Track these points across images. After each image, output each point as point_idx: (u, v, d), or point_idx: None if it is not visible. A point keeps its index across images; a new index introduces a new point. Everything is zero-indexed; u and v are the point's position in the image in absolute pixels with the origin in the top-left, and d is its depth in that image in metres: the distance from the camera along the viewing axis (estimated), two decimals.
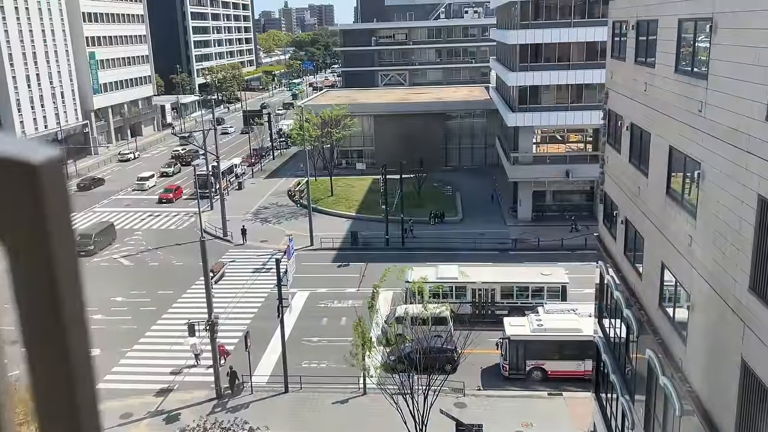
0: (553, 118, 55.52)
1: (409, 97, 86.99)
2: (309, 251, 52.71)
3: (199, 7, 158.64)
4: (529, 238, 52.95)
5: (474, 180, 72.70)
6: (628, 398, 20.30)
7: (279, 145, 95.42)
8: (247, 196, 70.86)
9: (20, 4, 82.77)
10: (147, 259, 53.18)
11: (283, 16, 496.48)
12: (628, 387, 20.52)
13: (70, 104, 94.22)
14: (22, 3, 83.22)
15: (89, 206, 69.36)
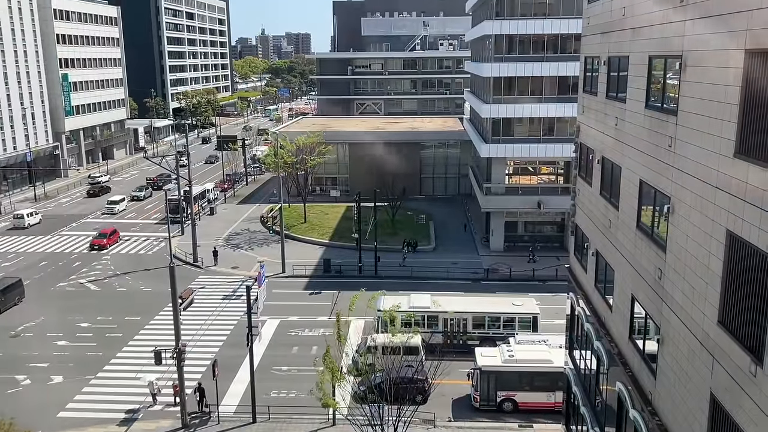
0: (526, 149, 56.28)
1: (385, 126, 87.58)
2: (281, 278, 52.20)
3: (176, 32, 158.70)
4: (501, 268, 53.19)
5: (447, 209, 73.09)
6: (598, 431, 20.25)
7: (253, 170, 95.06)
8: (219, 222, 70.17)
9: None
10: (115, 284, 52.11)
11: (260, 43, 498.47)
12: (598, 419, 20.49)
13: (41, 126, 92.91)
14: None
15: (57, 229, 67.99)
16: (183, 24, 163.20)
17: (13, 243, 63.26)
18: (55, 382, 36.27)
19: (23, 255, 59.41)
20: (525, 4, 54.83)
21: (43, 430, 29.80)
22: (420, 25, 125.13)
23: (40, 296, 49.20)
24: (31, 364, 38.07)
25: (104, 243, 60.59)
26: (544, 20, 54.06)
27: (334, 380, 26.99)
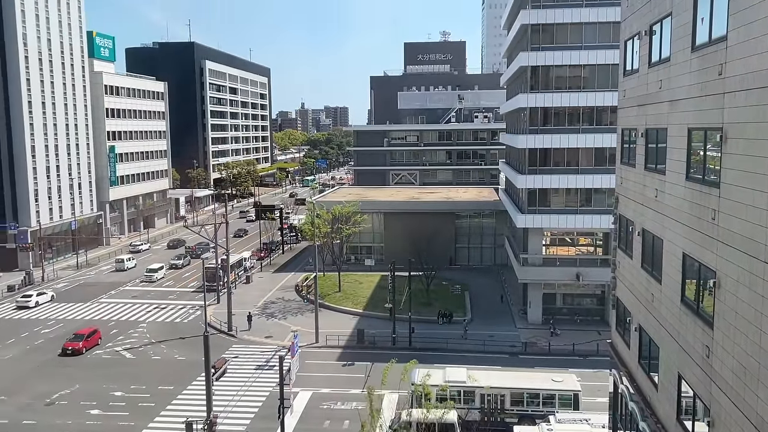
0: (563, 220, 55.75)
1: (420, 196, 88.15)
2: (314, 348, 51.67)
3: (219, 106, 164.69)
4: (539, 342, 51.80)
5: (483, 280, 72.22)
6: None
7: (289, 239, 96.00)
8: (254, 290, 70.45)
9: (47, 98, 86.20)
10: (150, 352, 52.21)
11: (300, 116, 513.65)
12: None
13: (87, 195, 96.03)
14: (50, 97, 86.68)
15: (97, 296, 69.06)
16: (226, 98, 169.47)
17: (56, 309, 64.31)
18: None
19: (63, 322, 60.23)
20: (559, 78, 55.53)
21: None
22: (455, 98, 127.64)
23: (77, 363, 49.47)
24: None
25: (79, 347, 51.18)
26: (579, 93, 54.56)
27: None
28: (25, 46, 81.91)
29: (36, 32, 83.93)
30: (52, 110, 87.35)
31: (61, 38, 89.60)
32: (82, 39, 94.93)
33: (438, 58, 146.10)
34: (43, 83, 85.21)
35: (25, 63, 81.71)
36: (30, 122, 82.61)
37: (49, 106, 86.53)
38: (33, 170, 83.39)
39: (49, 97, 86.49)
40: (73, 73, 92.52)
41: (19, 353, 51.84)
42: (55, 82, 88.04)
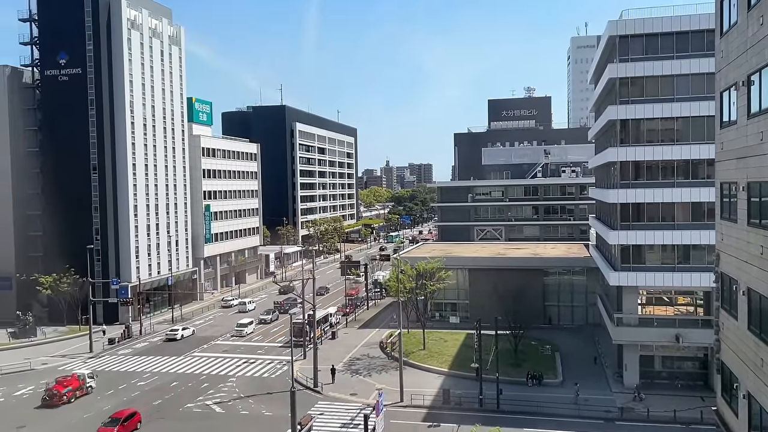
0: (659, 278, 53.17)
1: (506, 252, 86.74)
2: (398, 407, 50.86)
3: (308, 166, 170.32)
4: (637, 407, 48.85)
5: (574, 340, 69.46)
6: None
7: (373, 295, 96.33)
8: (339, 346, 70.69)
9: (150, 160, 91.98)
10: (239, 407, 53.00)
11: (384, 174, 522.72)
12: None
13: (183, 252, 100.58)
14: (152, 159, 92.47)
15: (188, 351, 71.30)
16: (315, 158, 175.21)
17: (149, 363, 66.83)
18: None
19: (158, 375, 62.38)
20: (651, 131, 53.99)
21: None
22: (541, 153, 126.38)
23: (171, 415, 50.84)
24: None
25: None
26: (672, 146, 52.75)
27: None
28: (132, 112, 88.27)
29: (141, 99, 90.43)
30: (154, 172, 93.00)
31: (164, 104, 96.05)
32: (182, 105, 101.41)
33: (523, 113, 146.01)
34: (146, 147, 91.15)
35: (131, 128, 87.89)
36: (134, 183, 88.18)
37: (151, 168, 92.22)
38: (135, 228, 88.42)
39: (151, 159, 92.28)
40: (174, 137, 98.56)
41: (117, 404, 53.84)
42: (158, 145, 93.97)
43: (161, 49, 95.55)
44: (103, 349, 72.78)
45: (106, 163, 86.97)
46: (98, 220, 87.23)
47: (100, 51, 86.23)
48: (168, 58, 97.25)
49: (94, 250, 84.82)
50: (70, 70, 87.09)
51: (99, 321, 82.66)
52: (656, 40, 53.50)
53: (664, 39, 53.28)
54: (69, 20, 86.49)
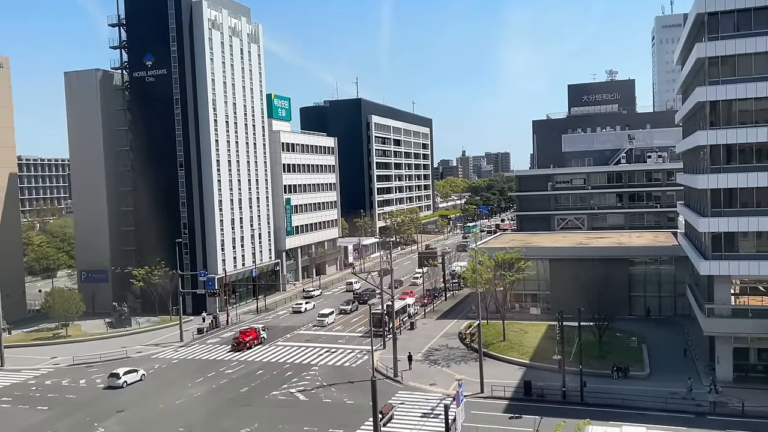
0: (754, 267, 50.36)
1: (588, 242, 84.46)
2: (478, 398, 50.64)
3: (384, 158, 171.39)
4: (731, 402, 46.63)
5: (662, 331, 66.96)
6: None
7: (451, 286, 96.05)
8: (418, 336, 70.98)
9: (233, 156, 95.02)
10: (321, 395, 54.25)
11: (461, 164, 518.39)
12: None
13: (266, 245, 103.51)
14: (234, 155, 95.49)
15: (274, 340, 73.44)
16: (391, 150, 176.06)
17: (237, 352, 69.27)
18: None
19: (244, 363, 64.65)
20: (744, 112, 51.06)
21: None
22: (624, 138, 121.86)
23: (257, 403, 52.66)
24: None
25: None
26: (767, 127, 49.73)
27: None
28: (215, 110, 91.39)
29: (223, 97, 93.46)
30: (237, 167, 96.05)
31: (245, 101, 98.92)
32: (262, 101, 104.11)
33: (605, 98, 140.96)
34: (229, 143, 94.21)
35: (214, 126, 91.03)
36: (218, 179, 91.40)
37: (234, 163, 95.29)
38: (220, 222, 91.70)
39: (234, 155, 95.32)
40: (255, 133, 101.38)
41: (206, 391, 56.28)
42: (239, 141, 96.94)
43: (240, 47, 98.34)
44: (192, 339, 76.06)
45: (192, 160, 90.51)
46: (186, 215, 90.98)
47: (183, 51, 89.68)
48: (247, 56, 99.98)
49: (182, 244, 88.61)
50: (156, 71, 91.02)
51: (188, 312, 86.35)
52: (749, 15, 50.44)
53: (757, 14, 50.18)
54: (154, 23, 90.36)
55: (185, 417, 49.81)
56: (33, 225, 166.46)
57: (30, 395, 57.12)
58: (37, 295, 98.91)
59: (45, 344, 76.32)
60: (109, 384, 57.78)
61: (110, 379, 58.00)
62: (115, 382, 57.52)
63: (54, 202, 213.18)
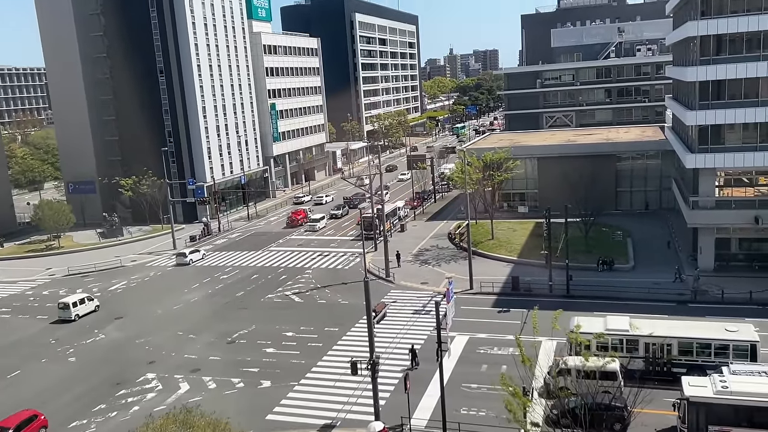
0: (739, 159, 50.85)
1: (576, 139, 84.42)
2: (468, 295, 52.24)
3: (369, 59, 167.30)
4: (711, 290, 48.39)
5: (647, 225, 68.32)
6: None
7: (441, 188, 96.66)
8: (409, 238, 72.18)
9: (213, 60, 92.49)
10: (316, 296, 55.73)
11: (448, 63, 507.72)
12: None
13: (253, 152, 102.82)
14: (215, 59, 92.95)
15: (267, 245, 74.49)
16: (376, 50, 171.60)
17: (230, 258, 70.42)
18: (264, 386, 39.48)
19: (238, 268, 65.87)
20: (735, 1, 49.81)
21: (254, 430, 32.46)
22: (614, 32, 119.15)
23: (253, 306, 54.11)
24: (244, 368, 41.87)
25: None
26: (759, 16, 48.66)
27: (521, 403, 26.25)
28: (192, 11, 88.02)
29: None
30: (218, 72, 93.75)
31: (222, 2, 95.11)
32: (241, 1, 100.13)
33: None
34: (209, 47, 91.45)
35: (192, 29, 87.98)
36: (200, 84, 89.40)
37: (215, 68, 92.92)
38: (205, 130, 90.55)
39: (215, 59, 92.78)
40: (235, 36, 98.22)
41: (202, 296, 57.65)
42: (219, 44, 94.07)
43: None
44: (185, 246, 76.99)
45: (172, 66, 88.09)
46: (169, 122, 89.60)
47: None
48: None
49: (168, 152, 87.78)
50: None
51: (179, 220, 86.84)
52: None
53: None
54: None
55: (183, 321, 51.27)
56: (14, 137, 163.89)
57: (29, 305, 58.35)
58: (25, 208, 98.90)
59: (38, 256, 77.14)
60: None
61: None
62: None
63: (34, 113, 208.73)
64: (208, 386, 39.82)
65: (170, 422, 21.12)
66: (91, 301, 54.89)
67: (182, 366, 42.87)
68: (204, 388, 39.62)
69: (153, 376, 41.57)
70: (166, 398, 38.34)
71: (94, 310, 54.56)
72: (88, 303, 54.38)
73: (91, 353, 46.53)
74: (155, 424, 21.24)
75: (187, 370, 42.14)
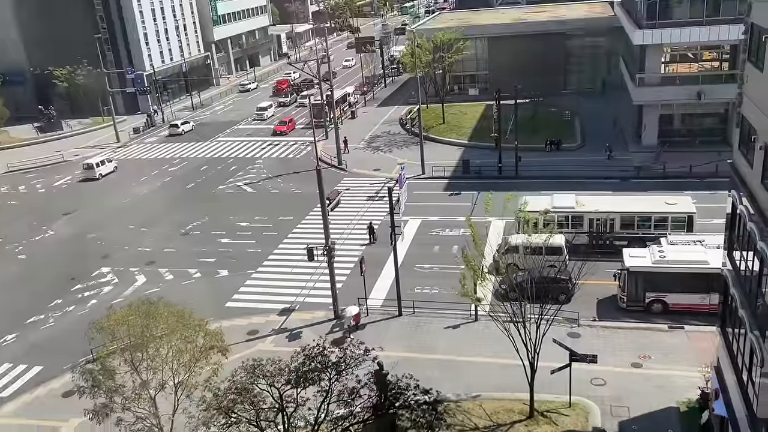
0: (686, 34, 51.00)
1: (526, 17, 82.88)
2: (420, 180, 52.83)
3: None
4: (654, 166, 50.09)
5: (595, 104, 69.09)
6: (757, 334, 19.14)
7: (391, 72, 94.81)
8: (360, 124, 71.56)
9: None
10: (268, 186, 55.51)
11: None
12: (758, 323, 19.32)
13: (192, 37, 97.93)
14: None
15: (213, 136, 72.84)
16: None
17: (177, 150, 68.82)
18: (222, 275, 40.05)
19: (187, 160, 64.64)
20: None
21: (215, 318, 33.22)
22: None
23: (205, 197, 53.68)
24: (201, 259, 42.19)
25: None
26: None
27: (475, 278, 27.41)
28: None
29: None
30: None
31: None
32: None
33: None
34: None
35: None
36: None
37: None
38: (140, 14, 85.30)
39: None
40: None
41: (152, 189, 56.77)
42: None
43: None
44: (129, 139, 74.62)
45: None
46: (101, 7, 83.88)
47: None
48: None
49: (102, 39, 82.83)
50: None
51: (120, 112, 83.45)
52: None
53: None
54: None
55: (135, 215, 50.72)
56: None
57: None
58: None
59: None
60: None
61: None
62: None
63: None
64: (165, 277, 40.15)
65: (132, 313, 21.31)
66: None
67: (137, 259, 42.89)
68: (161, 279, 39.95)
69: (108, 270, 41.58)
70: (123, 291, 38.62)
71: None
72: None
73: (41, 250, 45.98)
74: (117, 315, 21.40)
75: (142, 263, 42.24)
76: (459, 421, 24.88)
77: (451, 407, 24.13)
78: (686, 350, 29.07)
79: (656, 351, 29.13)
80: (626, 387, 26.92)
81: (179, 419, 20.47)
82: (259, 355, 20.82)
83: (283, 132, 70.59)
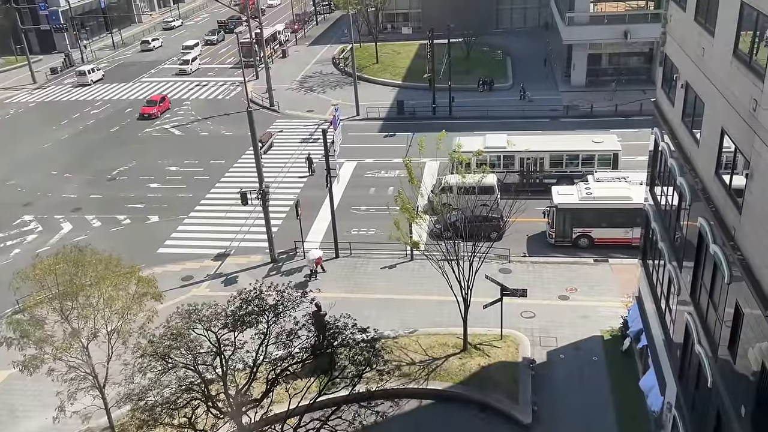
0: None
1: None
2: (355, 121, 52.39)
3: None
4: (581, 105, 51.25)
5: (526, 44, 69.53)
6: (675, 265, 20.26)
7: (322, 9, 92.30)
8: (291, 64, 69.82)
9: None
10: (197, 129, 53.87)
11: None
12: (676, 254, 20.43)
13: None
14: None
15: (137, 76, 69.63)
16: None
17: (98, 91, 65.53)
18: (152, 221, 39.08)
19: (109, 102, 61.77)
20: None
21: (147, 264, 32.54)
22: None
23: (130, 141, 51.68)
24: (129, 205, 40.94)
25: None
26: None
27: (410, 219, 27.74)
28: None
29: None
30: None
31: None
32: None
33: None
34: None
35: None
36: None
37: None
38: None
39: None
40: None
41: (74, 133, 54.19)
42: None
43: None
44: (47, 80, 70.48)
45: None
46: None
47: None
48: None
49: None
50: None
51: (35, 51, 78.42)
52: None
53: None
54: None
55: (56, 160, 48.47)
56: None
57: None
58: None
59: None
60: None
61: None
62: None
63: None
64: (92, 224, 38.89)
65: (60, 261, 20.55)
66: None
67: (61, 206, 41.24)
68: (88, 226, 38.67)
69: (31, 218, 39.91)
70: (48, 239, 37.25)
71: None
72: None
73: None
74: (43, 263, 20.59)
75: (67, 210, 40.68)
76: (396, 357, 25.57)
77: (388, 344, 24.70)
78: (610, 282, 30.58)
79: (582, 284, 30.52)
80: (554, 318, 28.22)
81: (114, 367, 20.19)
82: (194, 301, 20.63)
83: (152, 114, 56.13)
